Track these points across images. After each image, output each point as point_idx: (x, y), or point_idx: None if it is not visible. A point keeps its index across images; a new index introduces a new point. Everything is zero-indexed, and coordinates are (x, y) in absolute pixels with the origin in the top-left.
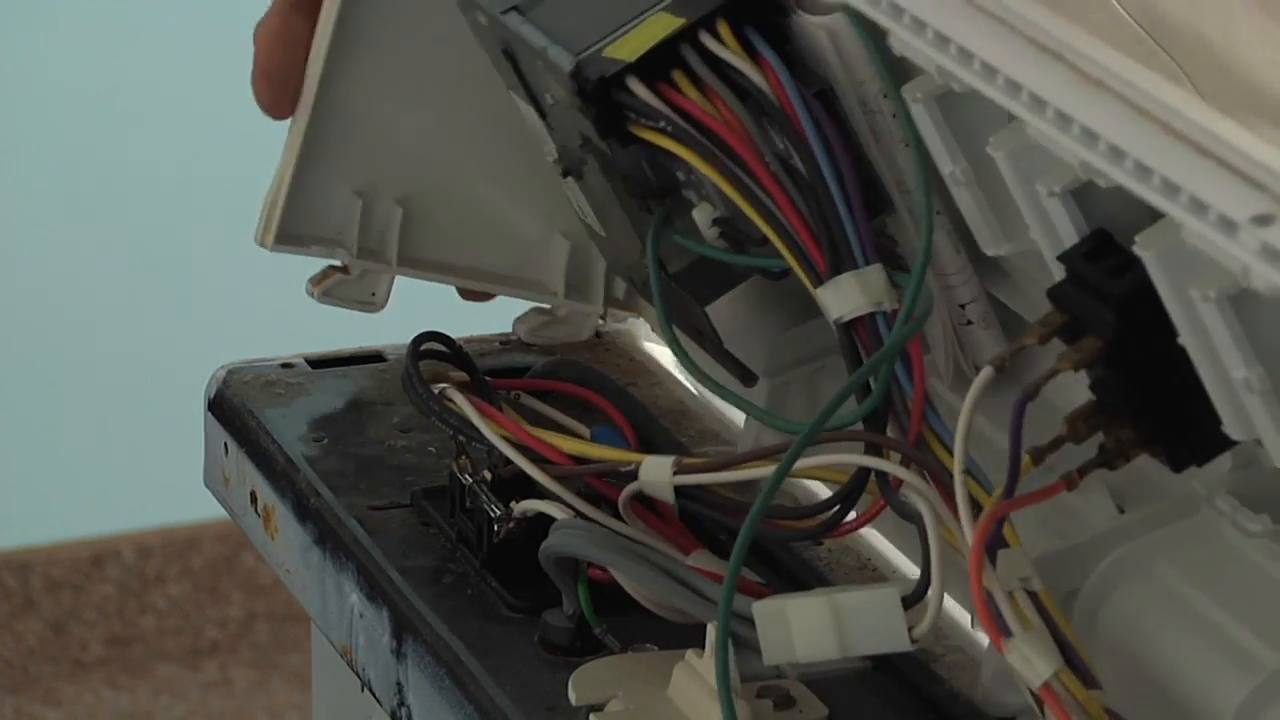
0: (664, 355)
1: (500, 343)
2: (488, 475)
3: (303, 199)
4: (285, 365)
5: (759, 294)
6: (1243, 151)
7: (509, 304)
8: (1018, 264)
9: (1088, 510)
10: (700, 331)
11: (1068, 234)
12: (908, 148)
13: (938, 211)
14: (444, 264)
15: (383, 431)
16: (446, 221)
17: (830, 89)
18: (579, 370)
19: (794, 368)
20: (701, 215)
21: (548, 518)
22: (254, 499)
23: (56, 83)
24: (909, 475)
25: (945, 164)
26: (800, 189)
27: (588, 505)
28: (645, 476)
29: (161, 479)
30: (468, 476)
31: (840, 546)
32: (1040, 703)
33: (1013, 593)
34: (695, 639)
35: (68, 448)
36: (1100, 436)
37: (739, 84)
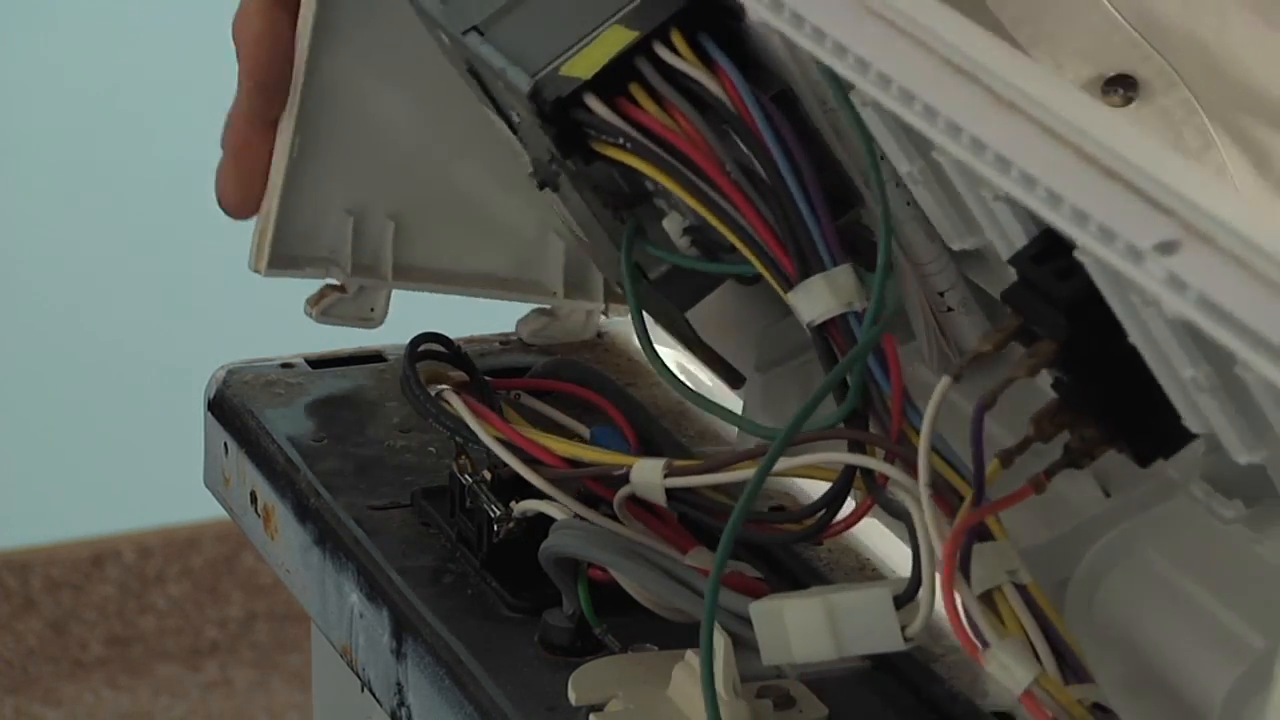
0: (664, 355)
1: (500, 343)
2: (487, 475)
3: (293, 221)
4: (285, 365)
5: (746, 290)
6: (1149, 173)
7: (509, 303)
8: (993, 249)
9: (1073, 495)
10: (685, 336)
11: (1017, 235)
12: None
13: (908, 203)
14: (441, 272)
15: (383, 431)
16: (440, 230)
17: (789, 89)
18: (579, 370)
19: (785, 361)
20: (672, 225)
21: (548, 518)
22: (254, 499)
23: (57, 82)
24: (895, 472)
25: (902, 164)
26: (763, 195)
27: (584, 507)
28: (636, 479)
29: (161, 479)
30: (467, 476)
31: (840, 546)
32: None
33: (1001, 588)
34: (695, 639)
35: (68, 448)
36: (1066, 435)
37: (695, 93)
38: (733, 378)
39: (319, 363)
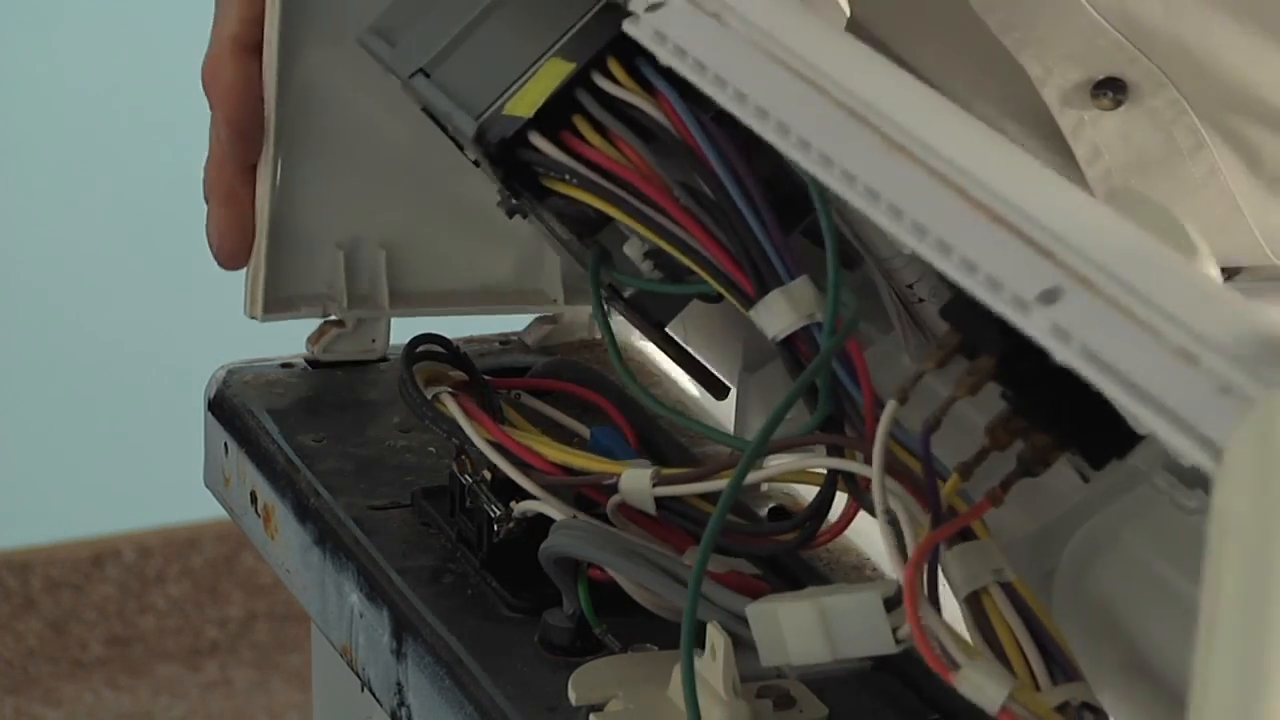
0: (664, 355)
1: (500, 343)
2: (487, 475)
3: (284, 263)
4: (285, 365)
5: None
6: (1033, 216)
7: None
8: None
9: (1051, 481)
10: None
11: None
12: None
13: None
14: (439, 294)
15: (383, 431)
16: (434, 251)
17: None
18: (579, 370)
19: (773, 359)
20: (633, 250)
21: (548, 518)
22: (254, 499)
23: (58, 83)
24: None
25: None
26: (714, 215)
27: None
28: (625, 488)
29: (161, 479)
30: (467, 476)
31: (840, 544)
32: None
33: (987, 589)
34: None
35: (68, 448)
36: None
37: (638, 120)
38: (717, 389)
39: (319, 363)
